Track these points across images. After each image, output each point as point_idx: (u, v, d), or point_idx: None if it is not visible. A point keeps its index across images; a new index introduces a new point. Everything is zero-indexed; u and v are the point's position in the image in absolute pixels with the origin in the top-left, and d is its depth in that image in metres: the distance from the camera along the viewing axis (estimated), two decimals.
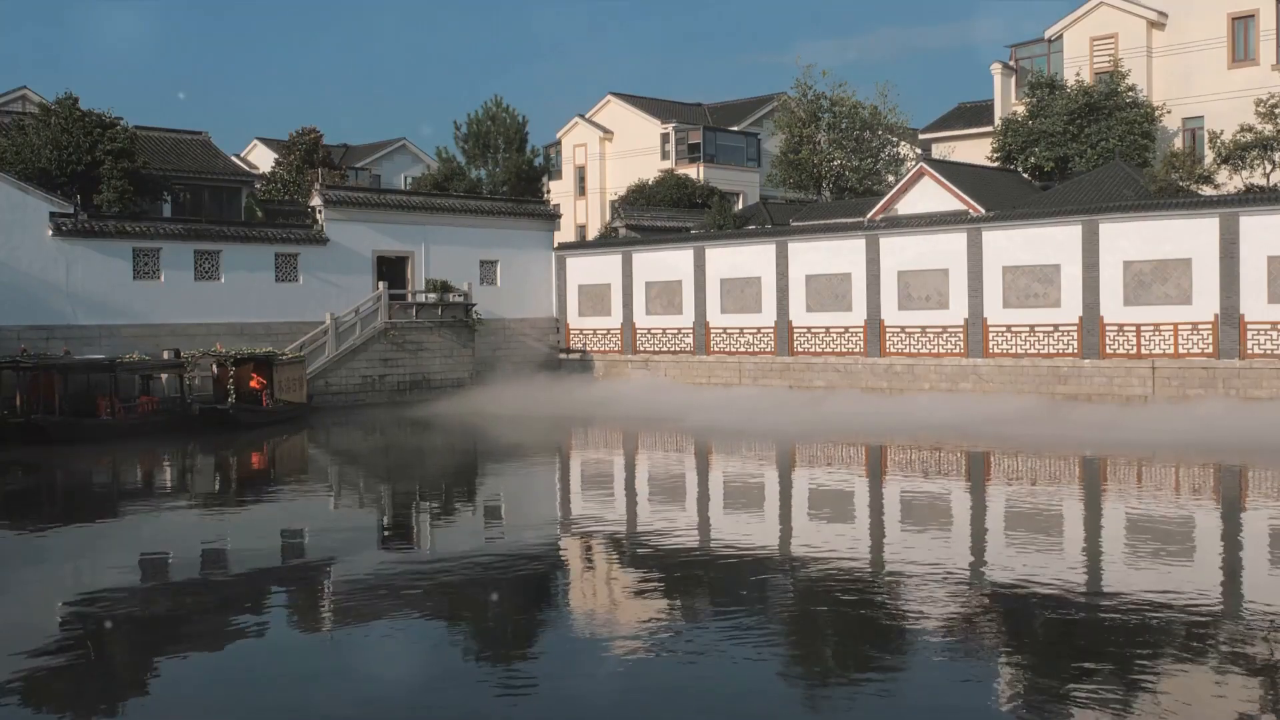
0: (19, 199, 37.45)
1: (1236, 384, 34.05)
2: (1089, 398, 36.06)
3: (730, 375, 44.71)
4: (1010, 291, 38.41)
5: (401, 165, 75.32)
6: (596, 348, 49.39)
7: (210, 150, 52.26)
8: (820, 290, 42.79)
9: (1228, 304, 34.56)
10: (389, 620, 14.69)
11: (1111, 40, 50.28)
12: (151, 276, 39.93)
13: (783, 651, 13.52)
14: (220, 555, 19.76)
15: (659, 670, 12.58)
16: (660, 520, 21.93)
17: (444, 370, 44.64)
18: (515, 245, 49.49)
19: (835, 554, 18.20)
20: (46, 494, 27.93)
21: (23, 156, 41.12)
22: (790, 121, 56.19)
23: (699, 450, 32.70)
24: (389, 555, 19.67)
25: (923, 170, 44.39)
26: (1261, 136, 38.60)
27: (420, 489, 27.26)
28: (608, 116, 67.74)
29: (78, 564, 19.09)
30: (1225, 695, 11.52)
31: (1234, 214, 34.63)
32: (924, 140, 57.36)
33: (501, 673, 12.80)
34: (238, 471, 31.09)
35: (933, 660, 12.86)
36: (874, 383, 40.74)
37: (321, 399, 40.58)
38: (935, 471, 27.80)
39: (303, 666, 13.18)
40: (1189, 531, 20.54)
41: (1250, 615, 14.54)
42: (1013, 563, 17.68)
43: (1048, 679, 12.15)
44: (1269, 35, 46.86)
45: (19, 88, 51.92)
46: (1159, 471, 27.37)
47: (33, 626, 14.75)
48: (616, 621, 14.78)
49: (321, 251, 43.73)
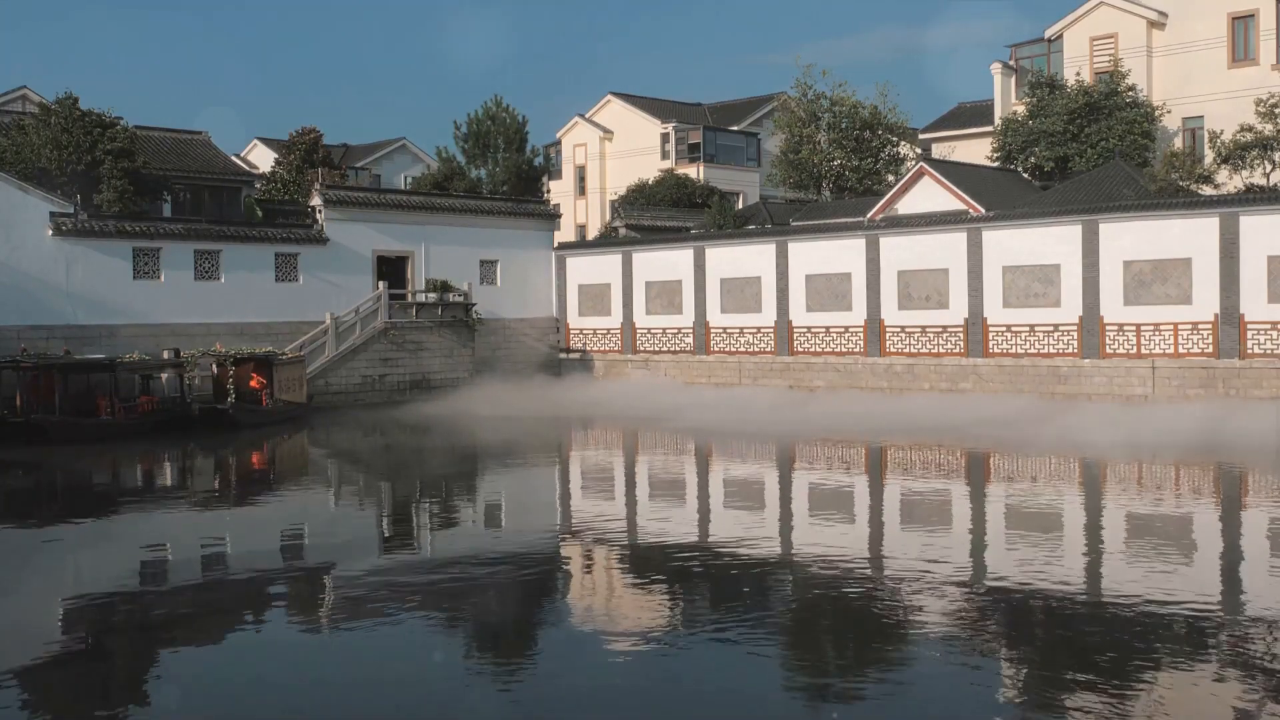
0: (19, 199, 37.45)
1: (1236, 384, 34.05)
2: (1089, 398, 36.06)
3: (730, 375, 44.72)
4: (1010, 291, 38.42)
5: (401, 165, 75.31)
6: (596, 347, 49.39)
7: (210, 150, 52.28)
8: (820, 290, 42.80)
9: (1228, 304, 34.57)
10: (373, 620, 14.70)
11: (1111, 40, 50.29)
12: (151, 276, 39.93)
13: (779, 651, 13.53)
14: (218, 555, 19.75)
15: (646, 668, 12.59)
16: (647, 520, 21.94)
17: (444, 370, 44.63)
18: (515, 245, 49.49)
19: (817, 556, 18.18)
20: (46, 494, 27.92)
21: (23, 156, 41.13)
22: (790, 121, 56.22)
23: (683, 451, 32.64)
24: (377, 557, 19.67)
25: (923, 170, 44.40)
26: (1261, 136, 38.62)
27: (409, 492, 27.26)
28: (608, 116, 67.74)
29: (77, 564, 19.09)
30: (1225, 695, 11.51)
31: (1234, 214, 34.63)
32: (924, 140, 57.37)
33: (500, 671, 12.80)
34: (234, 471, 31.06)
35: (933, 660, 12.85)
36: (874, 382, 40.75)
37: (322, 399, 40.57)
38: (921, 473, 27.76)
39: (303, 666, 13.18)
40: (1189, 531, 20.54)
41: (1250, 615, 14.53)
42: (1013, 563, 17.68)
43: (1048, 679, 12.14)
44: (1269, 35, 46.88)
45: (19, 88, 51.96)
46: (1159, 471, 27.35)
47: (33, 627, 14.75)
48: (597, 623, 14.78)
49: (321, 251, 43.73)
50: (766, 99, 67.62)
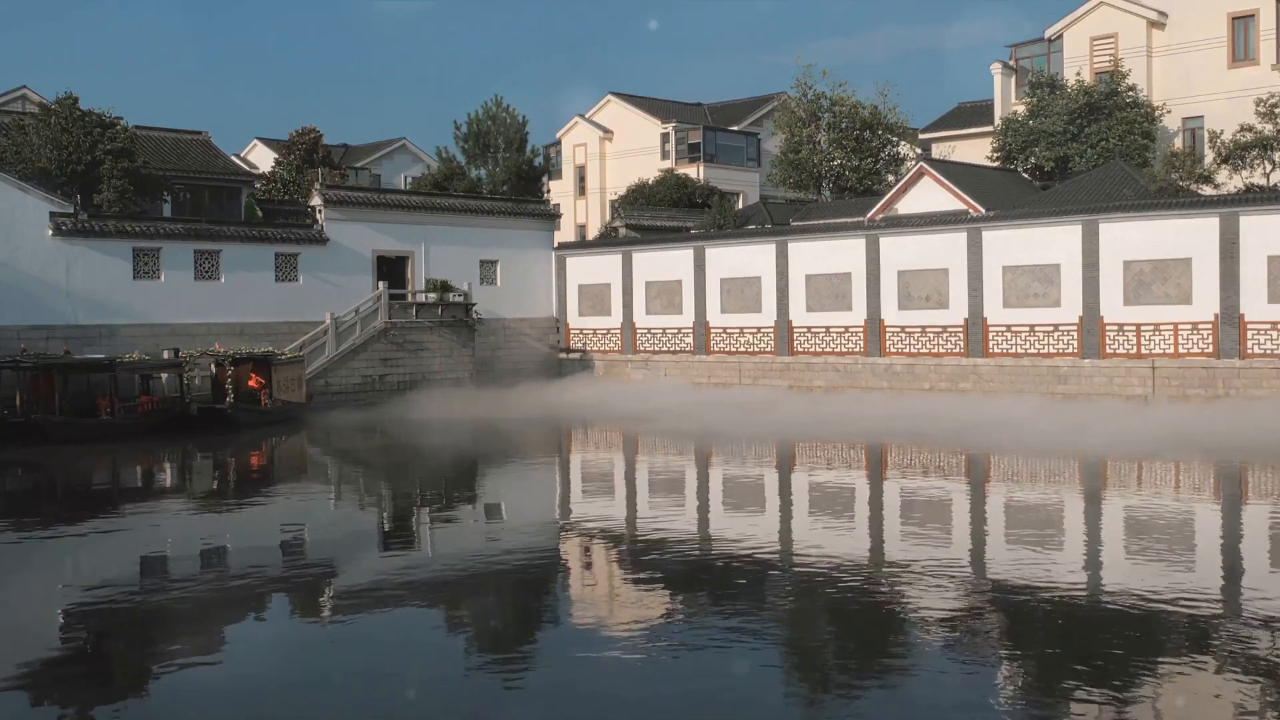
0: (19, 199, 37.44)
1: (1236, 384, 34.04)
2: (1089, 397, 36.04)
3: (730, 375, 44.70)
4: (1010, 291, 38.40)
5: (401, 165, 75.32)
6: (596, 347, 49.38)
7: (210, 150, 52.24)
8: (820, 290, 42.78)
9: (1228, 304, 34.55)
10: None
11: (1111, 40, 50.29)
12: (151, 276, 39.92)
13: (779, 651, 13.53)
14: (216, 555, 19.75)
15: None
16: (644, 520, 21.97)
17: (444, 370, 44.60)
18: (515, 245, 49.47)
19: (818, 556, 18.19)
20: (46, 493, 27.91)
21: (23, 156, 41.10)
22: (790, 121, 56.22)
23: (680, 453, 32.63)
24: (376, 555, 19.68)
25: (923, 170, 44.40)
26: (1261, 136, 38.63)
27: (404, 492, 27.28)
28: (608, 116, 67.74)
29: (77, 564, 19.09)
30: (1226, 695, 11.50)
31: (1234, 214, 34.62)
32: (924, 140, 57.37)
33: (499, 669, 12.81)
34: (223, 471, 30.99)
35: (933, 660, 12.84)
36: (874, 382, 40.73)
37: (321, 399, 40.52)
38: (921, 473, 27.78)
39: (301, 666, 13.17)
40: (1189, 532, 20.53)
41: (1250, 615, 14.52)
42: (1012, 563, 17.67)
43: (1048, 679, 12.13)
44: (1269, 35, 46.88)
45: (19, 87, 51.93)
46: (1159, 471, 27.33)
47: (32, 627, 14.75)
48: (595, 621, 14.79)
49: (321, 251, 43.72)
50: (766, 99, 67.63)
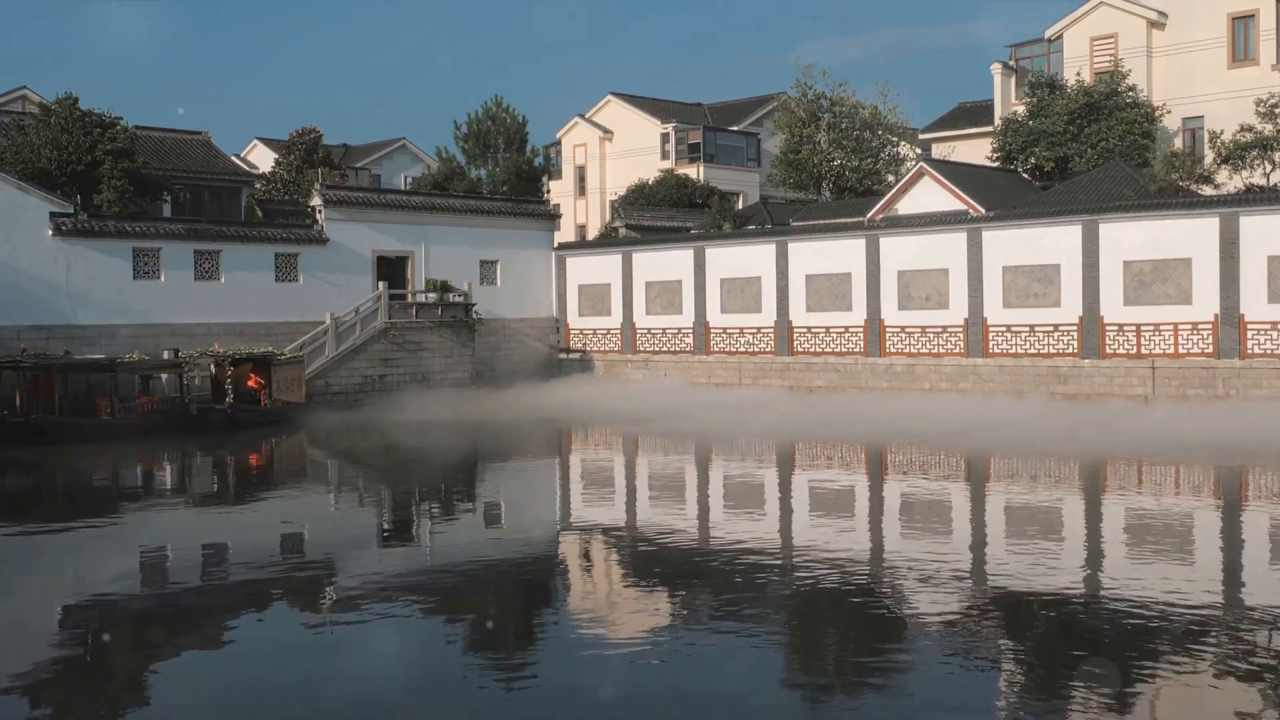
0: (19, 199, 37.44)
1: (1236, 384, 34.03)
2: (1089, 398, 36.04)
3: (730, 375, 44.70)
4: (1010, 291, 38.40)
5: (401, 165, 75.29)
6: (596, 348, 49.37)
7: (210, 150, 52.26)
8: (820, 290, 42.78)
9: (1228, 304, 34.55)
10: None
11: (1111, 40, 50.27)
12: (151, 276, 39.92)
13: (779, 651, 13.52)
14: (216, 553, 19.75)
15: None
16: (644, 521, 21.98)
17: (444, 370, 44.60)
18: (515, 245, 49.48)
19: (817, 556, 18.20)
20: (46, 493, 27.92)
21: (23, 156, 41.10)
22: (790, 121, 56.17)
23: (677, 454, 32.65)
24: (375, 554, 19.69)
25: (923, 170, 44.38)
26: (1261, 136, 38.60)
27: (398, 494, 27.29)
28: (608, 116, 67.71)
29: (77, 564, 19.08)
30: (1226, 695, 11.49)
31: (1234, 214, 34.62)
32: (924, 140, 57.34)
33: (499, 667, 12.81)
34: (222, 472, 30.98)
35: (933, 660, 12.84)
36: (874, 383, 40.72)
37: (321, 399, 40.50)
38: (904, 473, 27.78)
39: (301, 666, 13.17)
40: (1189, 531, 20.53)
41: (1250, 615, 14.52)
42: (1012, 563, 17.67)
43: (1049, 679, 12.13)
44: (1269, 35, 46.84)
45: (19, 88, 51.92)
46: (1159, 471, 27.33)
47: (32, 627, 14.74)
48: (594, 621, 14.80)
49: (321, 251, 43.72)
50: (766, 99, 67.59)
